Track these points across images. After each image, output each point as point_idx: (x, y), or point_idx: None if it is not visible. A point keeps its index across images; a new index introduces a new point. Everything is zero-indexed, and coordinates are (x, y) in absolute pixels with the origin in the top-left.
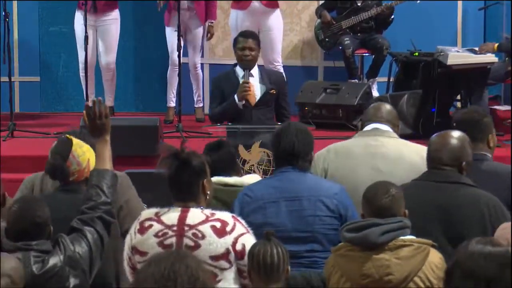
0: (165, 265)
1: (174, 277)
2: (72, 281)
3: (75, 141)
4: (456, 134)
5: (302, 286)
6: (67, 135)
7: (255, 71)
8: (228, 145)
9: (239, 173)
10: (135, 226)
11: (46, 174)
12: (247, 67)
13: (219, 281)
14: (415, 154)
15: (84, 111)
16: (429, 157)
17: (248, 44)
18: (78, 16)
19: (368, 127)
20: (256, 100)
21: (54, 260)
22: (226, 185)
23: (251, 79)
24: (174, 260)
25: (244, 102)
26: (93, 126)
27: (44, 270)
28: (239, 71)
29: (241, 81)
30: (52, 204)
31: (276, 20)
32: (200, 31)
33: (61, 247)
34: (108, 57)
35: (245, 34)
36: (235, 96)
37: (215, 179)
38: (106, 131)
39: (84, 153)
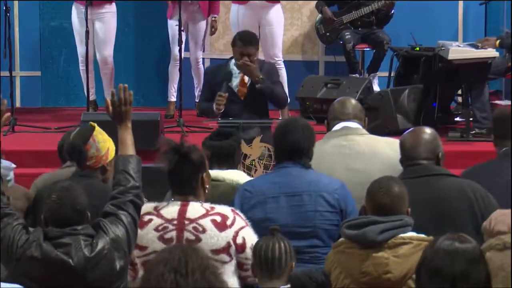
0: (177, 251)
1: (185, 261)
2: (118, 263)
3: (98, 128)
4: (427, 129)
5: (305, 282)
6: (91, 122)
7: None
8: (235, 138)
9: (233, 168)
10: None
11: (64, 154)
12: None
13: None
14: (388, 148)
15: (108, 99)
16: (405, 155)
17: (248, 50)
18: (75, 10)
19: (337, 127)
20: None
21: (102, 243)
22: None
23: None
24: (185, 248)
25: (220, 112)
26: (116, 113)
27: (95, 253)
28: (232, 65)
29: (233, 75)
30: None
31: (277, 15)
32: (203, 25)
33: (105, 230)
34: (105, 50)
35: (244, 40)
36: (214, 105)
37: None
38: (128, 117)
39: (104, 141)
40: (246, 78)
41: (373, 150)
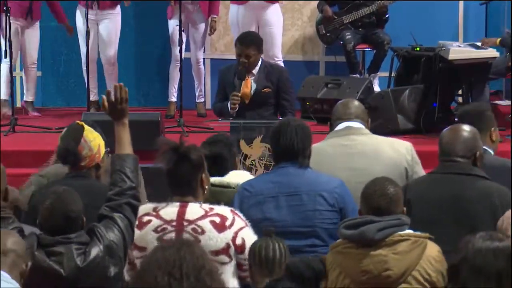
0: (171, 251)
1: (179, 263)
2: (112, 270)
3: (86, 127)
4: (466, 127)
5: (303, 270)
6: (78, 122)
7: (256, 69)
8: (225, 141)
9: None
10: None
11: (57, 159)
12: (243, 73)
13: None
14: (390, 149)
15: (104, 96)
16: (442, 150)
17: (245, 52)
18: (79, 13)
19: (340, 126)
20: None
21: (95, 251)
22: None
23: (251, 79)
24: (180, 247)
25: (235, 111)
26: (113, 110)
27: (88, 262)
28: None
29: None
30: None
31: (275, 15)
32: (203, 26)
33: (99, 237)
34: (109, 51)
35: (243, 41)
36: (228, 104)
37: None
38: (125, 114)
39: (95, 138)
40: (251, 82)
41: (376, 150)
